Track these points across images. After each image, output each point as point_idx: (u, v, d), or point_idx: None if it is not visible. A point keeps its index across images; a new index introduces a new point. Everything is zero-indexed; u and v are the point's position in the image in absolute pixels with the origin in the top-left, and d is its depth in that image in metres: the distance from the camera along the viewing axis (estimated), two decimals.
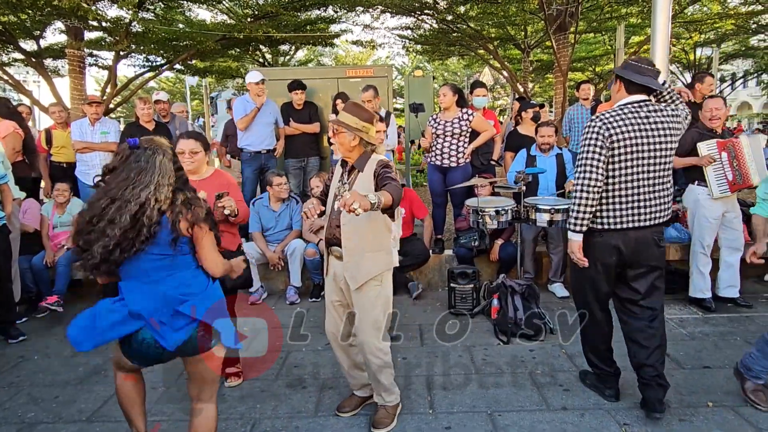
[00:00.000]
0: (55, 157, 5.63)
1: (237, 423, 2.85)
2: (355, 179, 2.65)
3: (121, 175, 2.01)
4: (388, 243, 2.71)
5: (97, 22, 8.20)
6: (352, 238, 2.60)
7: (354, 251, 2.60)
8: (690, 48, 16.15)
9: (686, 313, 4.31)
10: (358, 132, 2.59)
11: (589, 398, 3.00)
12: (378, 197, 2.30)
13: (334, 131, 2.70)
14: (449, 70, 26.46)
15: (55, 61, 10.88)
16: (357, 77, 6.53)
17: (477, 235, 4.71)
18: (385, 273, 2.69)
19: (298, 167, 5.91)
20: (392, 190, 2.42)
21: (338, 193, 2.67)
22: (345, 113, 2.63)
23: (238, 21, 9.95)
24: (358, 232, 2.58)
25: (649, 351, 2.74)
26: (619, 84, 2.73)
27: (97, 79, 19.96)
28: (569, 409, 2.90)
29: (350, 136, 2.59)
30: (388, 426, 2.75)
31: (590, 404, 2.93)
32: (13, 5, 6.90)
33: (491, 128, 5.12)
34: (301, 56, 18.86)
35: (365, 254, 2.60)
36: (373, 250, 2.62)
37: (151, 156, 2.03)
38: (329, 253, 2.74)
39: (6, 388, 3.33)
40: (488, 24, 12.31)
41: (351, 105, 2.69)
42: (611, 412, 2.85)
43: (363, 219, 2.48)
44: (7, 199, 4.06)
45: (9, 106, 4.97)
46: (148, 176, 2.00)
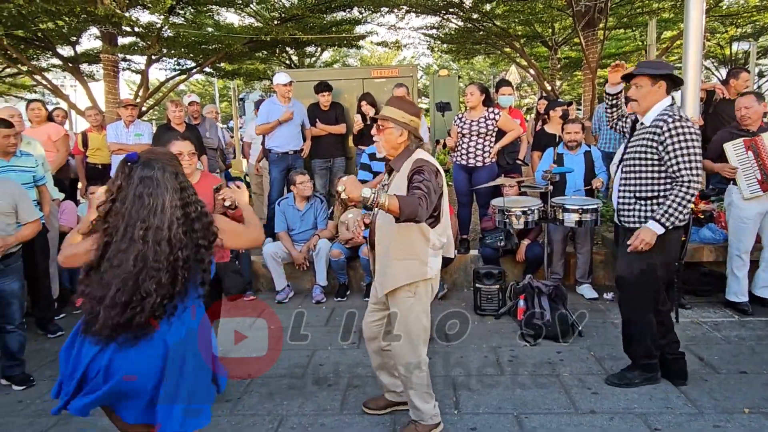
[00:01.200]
0: (91, 159, 5.83)
1: (264, 419, 2.90)
2: (391, 181, 2.51)
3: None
4: (423, 252, 2.45)
5: (130, 28, 8.45)
6: (382, 242, 2.49)
7: (383, 256, 2.49)
8: (726, 43, 15.61)
9: (721, 316, 4.18)
10: (406, 126, 2.42)
11: (619, 402, 2.94)
12: (375, 195, 2.12)
13: (379, 128, 2.49)
14: (475, 69, 26.23)
15: (90, 66, 11.25)
16: (382, 78, 6.54)
17: (503, 235, 4.67)
18: (420, 284, 2.47)
19: (324, 167, 5.97)
20: (404, 200, 2.17)
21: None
22: (391, 108, 2.45)
23: (265, 24, 10.09)
24: (388, 236, 2.44)
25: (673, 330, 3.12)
26: (664, 85, 2.84)
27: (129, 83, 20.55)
28: (598, 412, 2.85)
29: (398, 132, 2.42)
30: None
31: (620, 408, 2.88)
32: (52, 13, 7.16)
33: (518, 127, 5.06)
34: (326, 57, 18.99)
35: (393, 261, 2.44)
36: (402, 257, 2.44)
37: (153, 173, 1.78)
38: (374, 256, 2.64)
39: (45, 380, 3.46)
40: (515, 22, 12.15)
41: (395, 99, 2.55)
42: (642, 416, 2.78)
43: (392, 223, 2.35)
44: (46, 199, 4.22)
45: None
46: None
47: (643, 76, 2.84)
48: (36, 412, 3.06)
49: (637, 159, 2.90)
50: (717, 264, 4.65)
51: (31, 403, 3.17)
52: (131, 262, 1.69)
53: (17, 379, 3.38)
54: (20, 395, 3.28)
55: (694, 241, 4.75)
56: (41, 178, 4.12)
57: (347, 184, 2.14)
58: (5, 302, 3.31)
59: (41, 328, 4.26)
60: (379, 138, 2.49)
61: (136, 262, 1.69)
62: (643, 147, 2.87)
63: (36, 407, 3.12)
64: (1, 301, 3.31)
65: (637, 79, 2.87)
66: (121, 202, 1.75)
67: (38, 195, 4.10)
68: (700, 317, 4.15)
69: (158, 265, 1.70)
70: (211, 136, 6.20)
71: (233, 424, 2.86)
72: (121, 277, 1.69)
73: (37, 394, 3.28)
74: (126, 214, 1.73)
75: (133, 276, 1.69)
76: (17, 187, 3.41)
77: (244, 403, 3.07)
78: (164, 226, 1.73)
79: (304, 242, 5.00)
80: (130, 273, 1.69)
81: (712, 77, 16.64)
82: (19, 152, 3.95)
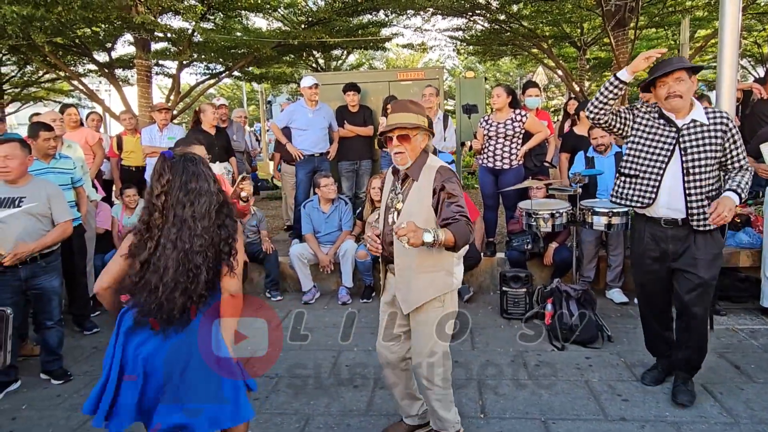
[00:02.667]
0: (125, 161, 6.01)
1: (292, 418, 2.94)
2: (409, 190, 2.35)
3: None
4: (449, 262, 2.37)
5: (163, 34, 8.68)
6: (405, 255, 2.29)
7: (405, 270, 2.33)
8: (763, 41, 15.09)
9: (758, 323, 4.04)
10: (425, 129, 2.34)
11: (650, 409, 2.88)
12: (436, 235, 2.06)
13: (402, 138, 2.31)
14: (501, 70, 26.00)
15: (124, 71, 11.60)
16: (408, 80, 6.55)
17: (530, 238, 4.61)
18: (447, 294, 2.38)
19: (351, 170, 6.00)
20: (458, 230, 2.10)
21: (390, 205, 2.43)
22: (403, 113, 2.32)
23: (293, 28, 10.22)
24: (411, 249, 2.17)
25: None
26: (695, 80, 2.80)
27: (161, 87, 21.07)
28: (628, 419, 2.79)
29: (421, 137, 2.33)
30: None
31: (651, 416, 2.82)
32: (89, 20, 7.42)
33: (545, 129, 5.01)
34: (352, 60, 19.10)
35: (419, 275, 2.31)
36: (429, 270, 2.31)
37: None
38: (387, 271, 2.50)
39: (81, 376, 3.58)
40: (542, 22, 11.99)
41: (403, 103, 2.39)
42: (674, 425, 2.72)
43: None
44: (83, 200, 4.37)
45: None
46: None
47: (683, 70, 2.71)
48: (73, 405, 3.17)
49: (704, 159, 2.71)
50: (754, 269, 4.50)
51: (69, 397, 3.29)
52: (186, 240, 1.91)
53: (56, 373, 3.51)
54: (58, 389, 3.40)
55: (730, 245, 4.61)
56: (79, 179, 4.27)
57: (410, 234, 2.01)
58: (46, 299, 3.44)
59: (78, 326, 4.41)
60: (405, 148, 2.31)
61: (190, 240, 1.91)
62: (711, 146, 2.70)
63: (73, 401, 3.23)
64: (42, 298, 3.44)
65: (679, 73, 2.69)
66: (169, 193, 1.95)
67: (76, 196, 4.26)
68: (736, 324, 4.03)
69: (205, 241, 1.93)
70: (238, 140, 6.33)
71: (260, 422, 2.91)
72: (178, 257, 1.90)
73: (74, 388, 3.40)
74: (174, 201, 1.94)
75: (188, 253, 1.90)
76: (54, 187, 3.52)
77: (271, 402, 3.12)
78: (208, 208, 1.96)
79: (330, 244, 5.05)
80: (186, 251, 1.90)
81: (749, 77, 16.09)
82: (59, 155, 4.10)
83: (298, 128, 5.67)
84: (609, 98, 2.81)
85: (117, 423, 1.89)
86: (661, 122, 2.81)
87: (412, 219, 2.15)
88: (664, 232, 2.85)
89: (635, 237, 3.03)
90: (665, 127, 2.79)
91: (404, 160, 2.33)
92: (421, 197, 2.30)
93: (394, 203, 2.40)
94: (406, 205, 2.34)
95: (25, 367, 3.66)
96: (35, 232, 3.34)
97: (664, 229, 2.84)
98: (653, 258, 2.91)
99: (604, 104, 2.82)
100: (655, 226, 2.88)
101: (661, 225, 2.85)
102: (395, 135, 2.32)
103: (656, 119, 2.83)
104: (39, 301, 3.45)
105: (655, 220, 2.87)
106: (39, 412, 3.13)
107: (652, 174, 2.81)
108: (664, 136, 2.78)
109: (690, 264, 2.79)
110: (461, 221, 2.16)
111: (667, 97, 2.71)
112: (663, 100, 2.74)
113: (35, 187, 3.39)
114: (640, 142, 2.85)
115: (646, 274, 2.99)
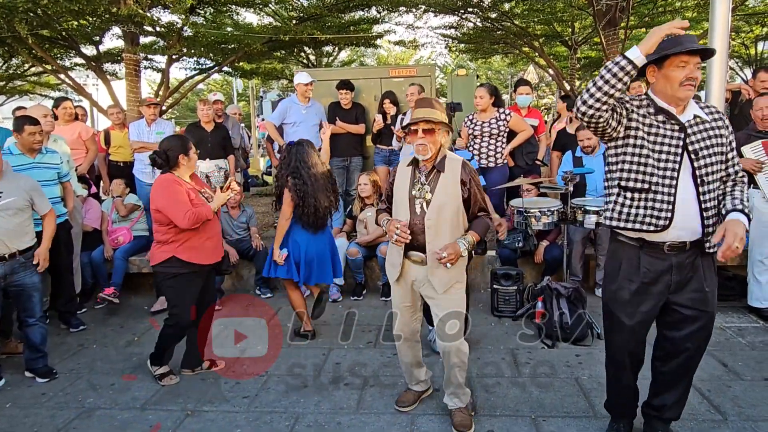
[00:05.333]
0: (113, 157, 5.92)
1: (281, 416, 2.92)
2: (436, 181, 2.56)
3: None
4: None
5: (152, 27, 8.56)
6: (437, 242, 2.53)
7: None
8: (751, 42, 15.27)
9: (745, 321, 4.09)
10: (445, 126, 2.57)
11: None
12: (467, 243, 2.50)
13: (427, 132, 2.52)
14: (493, 68, 26.04)
15: (113, 65, 11.42)
16: (400, 77, 6.53)
17: (521, 236, 4.62)
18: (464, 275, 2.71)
19: (341, 166, 5.97)
20: (481, 228, 2.57)
21: (418, 196, 2.59)
22: (429, 109, 2.53)
23: (284, 23, 10.14)
24: (442, 236, 2.54)
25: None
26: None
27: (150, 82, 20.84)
28: None
29: (442, 132, 2.56)
30: (472, 428, 2.69)
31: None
32: (76, 12, 7.28)
33: (529, 128, 5.03)
34: (344, 57, 19.02)
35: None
36: None
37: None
38: (406, 258, 2.66)
39: (67, 374, 3.53)
40: (534, 21, 12.03)
41: (426, 100, 2.61)
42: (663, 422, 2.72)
43: (446, 222, 2.54)
44: (70, 196, 4.30)
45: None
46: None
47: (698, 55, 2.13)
48: (58, 404, 3.12)
49: (716, 165, 2.20)
50: (741, 268, 4.55)
51: (54, 395, 3.24)
52: (321, 182, 3.79)
53: (40, 371, 3.45)
54: (43, 387, 3.35)
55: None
56: (66, 174, 4.20)
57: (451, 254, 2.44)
58: (27, 295, 3.38)
59: (64, 323, 4.34)
60: (428, 141, 2.53)
61: (321, 183, 3.78)
62: (718, 147, 2.20)
63: (58, 399, 3.18)
64: (23, 294, 3.38)
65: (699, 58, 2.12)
66: (297, 169, 3.76)
67: (62, 191, 4.19)
68: (724, 322, 4.07)
69: (327, 184, 3.84)
70: (233, 135, 6.28)
71: (250, 420, 2.89)
72: (316, 194, 3.73)
73: (60, 386, 3.35)
74: (302, 170, 3.73)
75: (321, 188, 3.77)
76: (31, 180, 3.50)
77: (261, 400, 3.10)
78: (320, 169, 3.83)
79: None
80: (318, 189, 3.75)
81: (737, 77, 16.28)
82: (45, 149, 4.03)
83: (290, 123, 5.63)
84: (614, 89, 2.06)
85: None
86: (660, 119, 2.19)
87: (444, 209, 2.53)
88: (667, 260, 2.22)
89: (620, 268, 2.33)
90: (666, 125, 2.18)
91: (426, 152, 2.53)
92: (450, 188, 2.55)
93: (422, 194, 2.57)
94: (436, 196, 2.55)
95: (9, 365, 3.60)
96: (19, 227, 3.30)
97: (668, 256, 2.22)
98: (652, 294, 2.27)
99: (607, 97, 2.07)
100: (654, 253, 2.24)
101: (664, 251, 2.22)
102: (421, 128, 2.53)
103: (652, 115, 2.20)
104: (20, 298, 3.39)
105: (656, 245, 2.23)
106: (23, 410, 3.07)
107: (664, 186, 2.16)
108: (668, 137, 2.17)
109: (699, 299, 2.24)
110: (482, 219, 2.61)
111: (684, 82, 2.10)
112: (678, 85, 2.11)
113: (10, 181, 3.34)
114: (642, 145, 2.19)
115: (637, 315, 2.30)
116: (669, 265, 2.23)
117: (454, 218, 2.56)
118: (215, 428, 2.83)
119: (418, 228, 2.56)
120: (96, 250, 4.88)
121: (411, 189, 2.61)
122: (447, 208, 2.53)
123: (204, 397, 3.15)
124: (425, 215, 2.54)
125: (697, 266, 2.25)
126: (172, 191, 3.10)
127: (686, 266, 2.24)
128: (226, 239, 5.05)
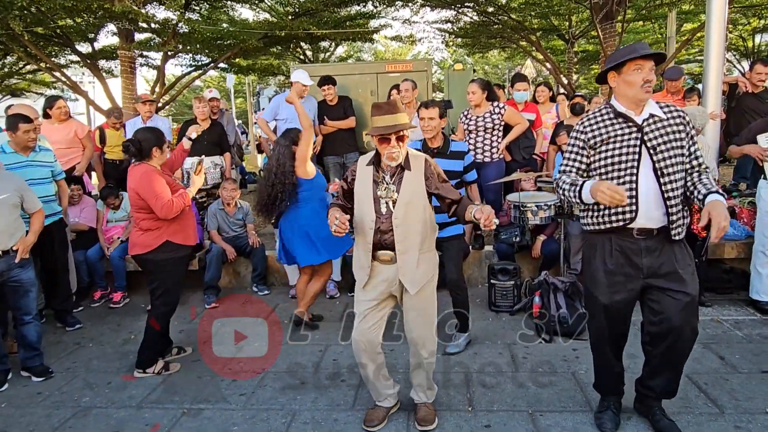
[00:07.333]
0: (108, 155, 5.90)
1: (278, 413, 2.91)
2: (400, 180, 2.53)
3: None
4: (434, 243, 2.69)
5: (147, 24, 8.51)
6: (406, 240, 2.51)
7: (409, 253, 2.53)
8: (748, 34, 15.24)
9: (743, 314, 4.08)
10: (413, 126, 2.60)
11: None
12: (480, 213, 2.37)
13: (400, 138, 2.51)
14: (490, 63, 25.99)
15: (108, 62, 11.37)
16: (396, 72, 6.50)
17: (518, 231, 4.61)
18: (435, 272, 2.68)
19: (337, 163, 5.95)
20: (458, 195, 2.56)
21: (384, 196, 2.53)
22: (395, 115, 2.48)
23: (280, 19, 10.10)
24: (411, 234, 2.51)
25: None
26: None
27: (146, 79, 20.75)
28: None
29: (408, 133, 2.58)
30: (434, 423, 2.71)
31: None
32: (70, 10, 7.24)
33: (524, 121, 5.00)
34: (340, 52, 18.96)
35: (420, 255, 2.55)
36: (426, 251, 2.59)
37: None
38: (374, 260, 2.58)
39: (63, 372, 3.52)
40: (531, 15, 11.99)
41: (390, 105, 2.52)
42: None
43: (415, 219, 2.52)
44: (64, 193, 4.29)
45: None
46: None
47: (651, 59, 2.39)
48: (54, 403, 3.11)
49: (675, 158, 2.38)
50: (738, 261, 4.55)
51: (50, 394, 3.23)
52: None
53: (36, 370, 3.44)
54: (39, 387, 3.33)
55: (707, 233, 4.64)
56: (60, 172, 4.17)
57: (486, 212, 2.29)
58: (23, 291, 3.37)
59: (60, 321, 4.32)
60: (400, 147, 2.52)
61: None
62: (677, 142, 2.38)
63: (54, 399, 3.17)
64: (19, 291, 3.36)
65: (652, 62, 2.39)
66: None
67: (57, 189, 4.16)
68: (721, 315, 4.07)
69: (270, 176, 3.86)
70: (228, 132, 6.25)
71: (247, 417, 2.88)
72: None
73: (56, 386, 3.33)
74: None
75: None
76: (18, 178, 3.49)
77: (257, 397, 3.09)
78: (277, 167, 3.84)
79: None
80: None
81: (734, 70, 16.25)
82: (38, 147, 4.00)
83: (283, 119, 5.60)
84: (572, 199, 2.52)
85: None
86: (619, 121, 2.42)
87: (410, 206, 2.50)
88: (636, 243, 2.43)
89: (595, 253, 2.56)
90: (624, 126, 2.41)
91: (399, 157, 2.51)
92: (416, 185, 2.53)
93: (389, 194, 2.53)
94: (403, 194, 2.52)
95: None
96: (11, 224, 3.30)
97: (637, 240, 2.43)
98: (626, 275, 2.47)
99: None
100: (624, 237, 2.45)
101: (633, 236, 2.43)
102: (394, 137, 2.48)
103: (612, 119, 2.44)
104: (15, 295, 3.37)
105: (626, 230, 2.44)
106: (19, 409, 3.06)
107: (626, 183, 2.39)
108: (626, 136, 2.40)
109: (675, 280, 2.41)
110: (463, 198, 2.55)
111: (643, 83, 2.33)
112: (638, 87, 2.34)
113: (1, 179, 3.34)
114: (601, 150, 2.44)
115: (614, 295, 2.50)
116: (639, 248, 2.45)
117: (421, 214, 2.54)
118: (212, 426, 2.83)
119: (386, 227, 2.52)
120: (91, 249, 4.86)
121: (375, 189, 2.55)
122: (414, 205, 2.52)
123: (200, 395, 3.14)
124: (392, 214, 2.51)
125: (666, 251, 2.44)
126: (153, 180, 3.21)
127: (656, 249, 2.44)
128: (222, 236, 5.05)
